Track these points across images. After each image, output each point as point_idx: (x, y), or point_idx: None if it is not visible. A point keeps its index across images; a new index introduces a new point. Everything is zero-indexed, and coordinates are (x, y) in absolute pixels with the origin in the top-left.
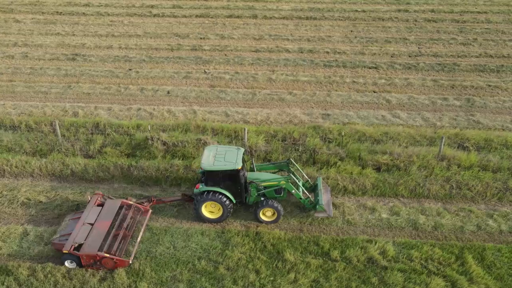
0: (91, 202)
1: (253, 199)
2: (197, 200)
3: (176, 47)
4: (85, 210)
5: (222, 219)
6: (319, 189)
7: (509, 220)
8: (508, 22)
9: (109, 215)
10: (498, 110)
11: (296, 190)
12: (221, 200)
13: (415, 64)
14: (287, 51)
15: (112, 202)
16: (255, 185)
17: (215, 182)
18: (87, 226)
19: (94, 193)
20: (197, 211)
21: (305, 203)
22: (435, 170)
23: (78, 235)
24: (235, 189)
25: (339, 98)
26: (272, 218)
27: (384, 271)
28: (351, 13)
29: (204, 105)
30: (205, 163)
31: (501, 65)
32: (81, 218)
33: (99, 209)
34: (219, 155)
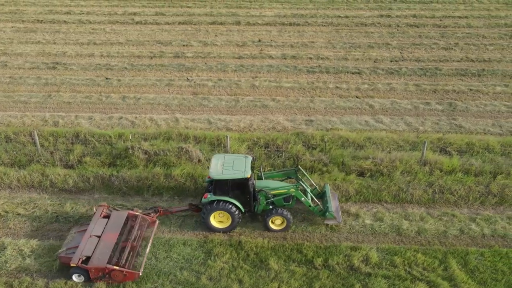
0: (96, 214)
1: (262, 208)
2: (206, 209)
3: (159, 55)
4: (91, 222)
5: (231, 228)
6: (327, 196)
7: (492, 224)
8: (489, 27)
9: (116, 227)
10: (480, 114)
11: (305, 197)
12: (230, 210)
13: (398, 69)
14: (270, 58)
15: (118, 213)
16: (264, 193)
17: (224, 191)
18: (94, 238)
19: (99, 205)
20: (205, 221)
21: (314, 211)
22: (418, 175)
23: (86, 248)
24: (244, 198)
25: (322, 104)
26: (282, 227)
27: (368, 278)
28: (334, 19)
29: (187, 113)
30: (213, 172)
31: (482, 69)
32: (87, 231)
33: (105, 221)
34: (227, 163)
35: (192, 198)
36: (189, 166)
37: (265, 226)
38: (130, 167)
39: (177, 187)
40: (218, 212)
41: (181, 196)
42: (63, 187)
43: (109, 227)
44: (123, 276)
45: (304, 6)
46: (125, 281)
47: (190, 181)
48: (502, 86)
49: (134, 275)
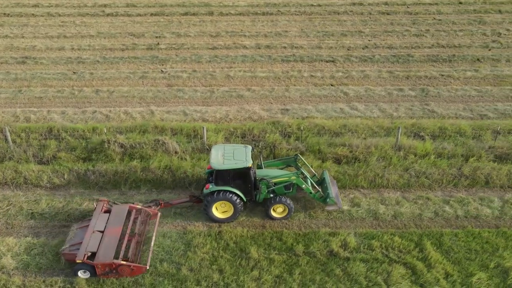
0: (97, 209)
1: (263, 196)
2: (208, 200)
3: (131, 47)
4: (93, 218)
5: (233, 218)
6: (327, 183)
7: (465, 205)
8: (458, 13)
9: (119, 221)
10: (451, 98)
11: (306, 184)
12: (232, 199)
13: (371, 57)
14: (245, 48)
15: (119, 207)
16: (266, 182)
17: (226, 181)
18: (97, 234)
19: (99, 200)
20: (207, 212)
21: (315, 197)
22: (393, 160)
23: (90, 244)
24: (245, 187)
25: (297, 92)
26: (283, 214)
27: (347, 262)
28: (307, 8)
29: (162, 105)
30: (215, 162)
31: (452, 55)
32: (89, 226)
33: (106, 216)
34: (227, 153)
35: (170, 190)
36: (166, 158)
37: (267, 214)
38: (106, 161)
39: (154, 179)
40: (220, 203)
41: (158, 189)
42: (37, 183)
43: (112, 222)
44: (131, 271)
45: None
46: (132, 276)
47: (167, 173)
48: (472, 71)
49: (141, 269)
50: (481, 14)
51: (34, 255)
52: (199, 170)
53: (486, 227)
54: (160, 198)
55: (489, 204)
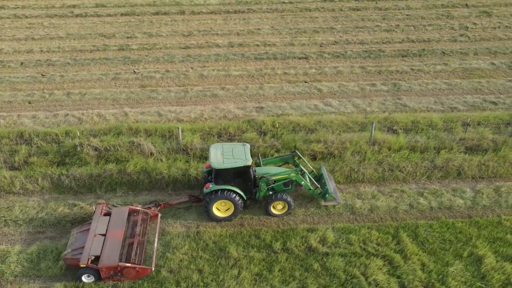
0: (96, 213)
1: (263, 194)
2: (208, 199)
3: (102, 48)
4: (93, 221)
5: (233, 217)
6: (325, 178)
7: (438, 196)
8: (427, 8)
9: (120, 224)
10: (422, 92)
11: (305, 181)
12: (233, 198)
13: (343, 53)
14: (217, 46)
15: (119, 210)
16: (266, 179)
17: (226, 180)
18: (99, 237)
19: (98, 203)
20: (208, 211)
21: (314, 193)
22: (368, 155)
23: (93, 248)
24: (245, 186)
25: (271, 90)
26: (283, 211)
27: (326, 257)
28: (279, 5)
29: (136, 106)
30: (214, 161)
31: (422, 49)
32: (90, 230)
33: (107, 219)
34: (226, 152)
35: (146, 192)
36: (142, 160)
37: (267, 212)
38: (80, 164)
39: (130, 182)
40: (220, 202)
41: (135, 191)
42: (10, 190)
43: (113, 224)
44: (136, 273)
45: None
46: (137, 278)
47: (143, 175)
48: (442, 65)
49: (146, 270)
50: (448, 8)
51: (9, 263)
52: (175, 171)
53: (459, 217)
54: (159, 199)
55: (461, 195)
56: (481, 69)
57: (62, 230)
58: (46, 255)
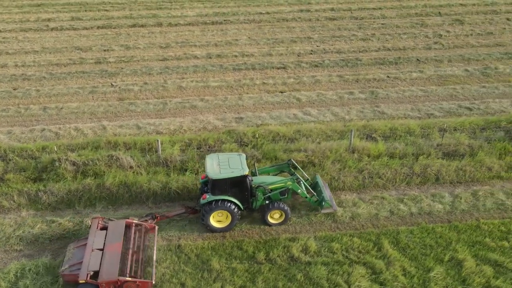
0: (93, 227)
1: (259, 203)
2: (205, 210)
3: (79, 61)
4: (89, 236)
5: (230, 227)
6: (321, 186)
7: (418, 202)
8: (401, 17)
9: (118, 237)
10: (400, 99)
11: (302, 189)
12: (230, 208)
13: (321, 62)
14: (196, 58)
15: (116, 223)
16: (263, 188)
17: (223, 190)
18: (97, 252)
19: (93, 217)
20: (205, 222)
21: (310, 201)
22: (348, 163)
23: (91, 262)
24: (242, 195)
25: (250, 100)
26: (280, 220)
27: (308, 266)
28: (256, 16)
29: (114, 120)
30: (211, 172)
31: (398, 57)
32: (87, 245)
33: (103, 233)
34: (223, 162)
35: (127, 206)
36: (121, 173)
37: (264, 221)
38: (58, 180)
39: (110, 196)
40: (217, 212)
41: (115, 205)
42: None
43: (110, 238)
44: (136, 287)
45: (225, 4)
46: None
47: (123, 189)
48: (417, 72)
49: (147, 284)
50: (422, 17)
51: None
52: (155, 184)
53: (439, 222)
54: (156, 212)
55: (440, 200)
56: (456, 75)
57: (40, 248)
58: (24, 274)
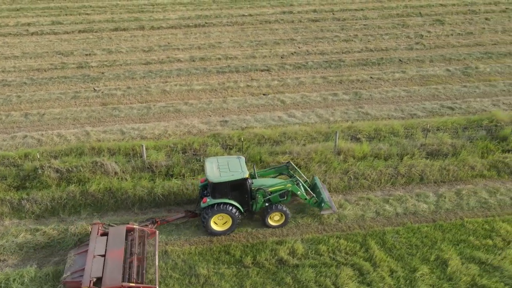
0: (93, 233)
1: (259, 206)
2: (206, 214)
3: (60, 66)
4: (90, 242)
5: (231, 230)
6: (319, 188)
7: (403, 202)
8: (383, 18)
9: (119, 243)
10: (383, 100)
11: (301, 191)
12: (231, 211)
13: (304, 63)
14: (179, 61)
15: (116, 229)
16: (263, 191)
17: (223, 193)
18: (98, 258)
19: (93, 223)
20: (206, 226)
21: (310, 203)
22: (333, 164)
23: (93, 269)
24: (242, 198)
25: (235, 103)
26: (280, 222)
27: (296, 269)
28: (239, 18)
29: (97, 125)
30: (211, 176)
31: (381, 58)
32: (89, 251)
33: (104, 239)
34: (222, 166)
35: (112, 213)
36: (106, 180)
37: (264, 224)
38: (41, 187)
39: (95, 203)
40: (217, 215)
41: (100, 212)
42: None
43: (112, 244)
44: None
45: (207, 6)
46: None
47: (108, 195)
48: (400, 72)
49: None
50: (403, 17)
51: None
52: (141, 190)
53: (424, 222)
54: (156, 216)
55: (425, 200)
56: (437, 75)
57: (25, 257)
58: (9, 284)
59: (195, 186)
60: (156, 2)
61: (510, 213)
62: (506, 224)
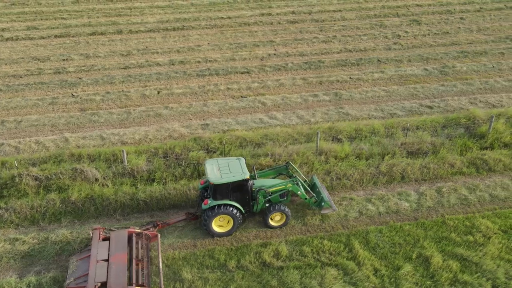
0: (94, 238)
1: (260, 207)
2: (207, 215)
3: (37, 72)
4: (92, 247)
5: (232, 231)
6: (319, 187)
7: (385, 201)
8: (361, 18)
9: (122, 247)
10: (363, 100)
11: (301, 191)
12: (232, 213)
13: (284, 65)
14: (158, 65)
15: (118, 233)
16: (263, 192)
17: (224, 194)
18: (102, 263)
19: (94, 228)
20: (207, 227)
21: (310, 203)
22: (315, 165)
23: (98, 274)
24: (243, 199)
25: (216, 106)
26: (281, 222)
27: (281, 271)
28: (217, 21)
29: (76, 131)
30: (212, 177)
31: (360, 58)
32: (91, 256)
33: (106, 243)
34: (223, 167)
35: (94, 220)
36: (86, 186)
37: (266, 224)
38: (20, 196)
39: (75, 210)
40: (218, 217)
41: (81, 219)
42: None
43: (115, 248)
44: None
45: (186, 10)
46: None
47: (89, 202)
48: (379, 72)
49: None
50: (381, 18)
51: None
52: (122, 196)
53: (406, 220)
54: (157, 219)
55: (406, 198)
56: (415, 75)
57: (4, 268)
58: None
59: (177, 191)
60: (133, 6)
61: (489, 209)
62: (486, 220)
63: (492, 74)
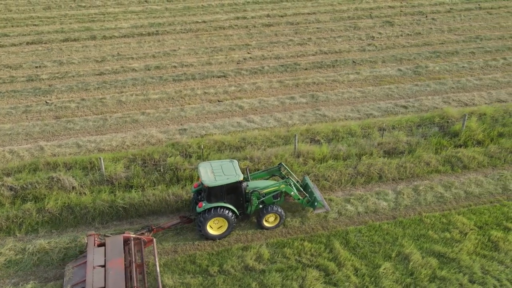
0: (89, 244)
1: (254, 208)
2: (203, 218)
3: (9, 80)
4: (88, 253)
5: (227, 233)
6: (311, 187)
7: (364, 201)
8: (335, 20)
9: (118, 252)
10: (339, 101)
11: (294, 191)
12: (227, 215)
13: (260, 68)
14: (134, 70)
15: (113, 239)
16: (257, 193)
17: (218, 197)
18: (99, 269)
19: (88, 235)
20: (202, 230)
21: (303, 203)
22: (294, 167)
23: (95, 280)
24: (237, 201)
25: (193, 111)
26: (275, 223)
27: (263, 274)
28: (193, 25)
29: (52, 139)
30: (206, 180)
31: (335, 60)
32: (87, 263)
33: (102, 249)
34: (216, 169)
35: (72, 229)
36: (63, 195)
37: (260, 226)
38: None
39: (53, 220)
40: (213, 220)
41: (59, 229)
42: None
43: (111, 254)
44: None
45: (160, 14)
46: None
47: (66, 211)
48: (354, 74)
49: None
50: (354, 20)
51: None
52: (101, 204)
53: (385, 219)
54: (152, 224)
55: (384, 197)
56: (390, 75)
57: None
58: None
59: (156, 197)
60: (107, 11)
61: (465, 205)
62: (462, 216)
63: (463, 73)
